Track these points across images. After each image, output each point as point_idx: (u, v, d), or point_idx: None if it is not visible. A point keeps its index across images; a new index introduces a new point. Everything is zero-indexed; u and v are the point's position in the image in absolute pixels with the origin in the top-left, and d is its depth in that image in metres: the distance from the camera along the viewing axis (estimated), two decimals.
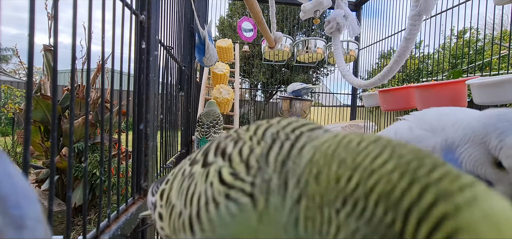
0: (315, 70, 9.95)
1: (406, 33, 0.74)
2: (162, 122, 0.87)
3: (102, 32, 0.37)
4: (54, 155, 0.27)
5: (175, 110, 1.06)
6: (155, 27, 0.57)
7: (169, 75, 0.91)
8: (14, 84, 7.17)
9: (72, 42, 0.30)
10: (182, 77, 1.21)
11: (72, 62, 0.31)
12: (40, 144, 2.72)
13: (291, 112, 2.16)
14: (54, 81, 0.27)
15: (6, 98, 5.40)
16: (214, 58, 1.40)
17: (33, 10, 0.23)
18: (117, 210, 0.44)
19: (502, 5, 1.04)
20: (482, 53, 1.52)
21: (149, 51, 0.54)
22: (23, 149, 0.25)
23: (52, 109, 0.27)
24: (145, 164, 0.55)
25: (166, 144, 0.92)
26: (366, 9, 2.40)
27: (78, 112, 2.77)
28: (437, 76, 1.98)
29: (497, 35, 3.76)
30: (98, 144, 2.74)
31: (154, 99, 0.57)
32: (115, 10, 0.42)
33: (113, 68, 0.44)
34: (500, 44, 1.52)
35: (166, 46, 0.84)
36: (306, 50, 2.18)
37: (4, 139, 4.95)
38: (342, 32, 1.20)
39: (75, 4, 0.29)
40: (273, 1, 1.51)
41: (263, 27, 1.42)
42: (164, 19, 0.79)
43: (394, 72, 0.83)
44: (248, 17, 2.13)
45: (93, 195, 2.72)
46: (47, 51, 2.81)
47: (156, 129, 0.61)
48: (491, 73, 1.36)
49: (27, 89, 0.23)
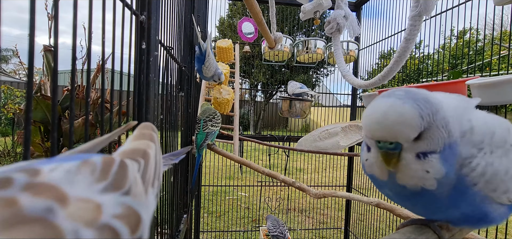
0: (315, 70, 9.96)
1: (406, 34, 0.74)
2: (162, 122, 0.87)
3: (102, 33, 0.37)
4: (54, 156, 0.27)
5: (175, 110, 1.06)
6: (155, 28, 0.57)
7: (169, 76, 0.92)
8: (14, 84, 7.18)
9: (72, 43, 0.30)
10: (182, 78, 1.21)
11: (72, 62, 0.31)
12: (40, 144, 2.72)
13: (291, 112, 2.16)
14: (54, 81, 0.27)
15: (6, 98, 5.41)
16: (213, 68, 1.40)
17: (34, 10, 0.23)
18: None
19: (502, 5, 1.04)
20: (482, 54, 1.52)
21: (149, 52, 0.54)
22: (23, 149, 0.25)
23: (52, 109, 0.27)
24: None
25: (166, 145, 0.92)
26: (366, 10, 2.40)
27: (78, 113, 2.77)
28: (437, 77, 1.98)
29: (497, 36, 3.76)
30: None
31: (154, 99, 0.57)
32: (115, 11, 0.42)
33: (113, 68, 0.44)
34: (500, 44, 1.52)
35: (166, 47, 0.84)
36: (306, 50, 2.18)
37: (4, 139, 4.96)
38: (342, 33, 1.20)
39: (75, 4, 0.29)
40: (273, 2, 1.51)
41: (263, 28, 1.43)
42: (164, 19, 0.79)
43: (394, 73, 0.83)
44: (248, 17, 2.13)
45: None
46: (47, 51, 2.81)
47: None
48: (491, 73, 1.36)
49: (28, 89, 0.23)
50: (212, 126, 1.40)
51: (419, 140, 0.34)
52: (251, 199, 3.51)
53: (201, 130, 1.39)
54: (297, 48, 2.23)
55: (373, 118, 0.34)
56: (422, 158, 0.34)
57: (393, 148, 0.34)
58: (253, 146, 3.72)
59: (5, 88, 5.50)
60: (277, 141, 2.29)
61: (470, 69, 1.64)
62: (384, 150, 0.35)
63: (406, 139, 0.33)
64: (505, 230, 1.30)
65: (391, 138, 0.33)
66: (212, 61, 1.36)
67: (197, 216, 2.15)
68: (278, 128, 9.47)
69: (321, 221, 3.06)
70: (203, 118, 1.42)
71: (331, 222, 3.02)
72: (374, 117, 0.34)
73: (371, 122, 0.34)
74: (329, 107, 3.05)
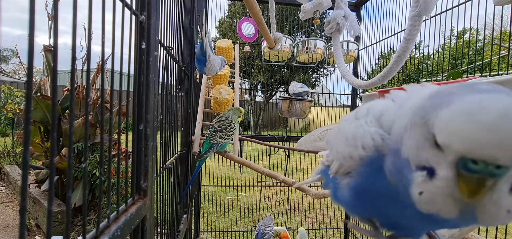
0: (315, 70, 9.96)
1: (406, 34, 0.74)
2: (162, 122, 0.86)
3: (102, 33, 0.37)
4: (53, 156, 0.27)
5: (175, 110, 1.06)
6: (155, 28, 0.57)
7: (169, 76, 0.91)
8: (14, 84, 7.18)
9: (72, 43, 0.30)
10: (182, 78, 1.21)
11: (72, 62, 0.31)
12: (40, 144, 2.72)
13: (291, 112, 2.16)
14: (54, 81, 0.27)
15: (6, 98, 5.41)
16: (215, 69, 1.36)
17: (33, 10, 0.23)
18: (117, 210, 0.44)
19: (502, 5, 1.04)
20: (482, 54, 1.52)
21: (149, 52, 0.54)
22: (22, 149, 0.25)
23: (51, 109, 0.27)
24: (145, 165, 0.55)
25: (166, 145, 0.92)
26: (366, 10, 2.40)
27: (78, 113, 2.77)
28: (437, 77, 1.98)
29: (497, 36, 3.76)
30: (98, 144, 2.74)
31: (154, 99, 0.57)
32: (115, 11, 0.42)
33: (113, 68, 0.44)
34: (500, 44, 1.52)
35: (166, 47, 0.84)
36: (306, 50, 2.18)
37: (4, 139, 4.96)
38: (342, 33, 1.20)
39: (75, 4, 0.29)
40: (273, 2, 1.51)
41: (263, 28, 1.42)
42: (164, 19, 0.79)
43: (394, 73, 0.83)
44: (248, 17, 2.13)
45: (93, 195, 2.72)
46: (47, 51, 2.81)
47: (156, 129, 0.61)
48: (490, 73, 1.36)
49: (27, 89, 0.23)
50: (220, 138, 1.28)
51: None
52: (251, 199, 3.51)
53: (207, 139, 1.29)
54: (297, 48, 2.23)
55: (483, 125, 0.21)
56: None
57: (499, 174, 0.22)
58: (253, 146, 3.72)
59: (5, 88, 5.50)
60: (277, 141, 2.29)
61: (470, 69, 1.64)
62: (480, 174, 0.22)
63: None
64: (505, 230, 1.30)
65: (508, 161, 0.22)
66: (213, 62, 1.34)
67: (197, 216, 2.15)
68: (278, 128, 9.47)
69: (321, 221, 3.06)
70: (214, 127, 1.31)
71: (331, 222, 3.02)
72: (484, 122, 0.21)
73: (478, 130, 0.22)
74: (329, 107, 3.05)
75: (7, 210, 2.89)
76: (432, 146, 0.25)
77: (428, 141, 0.25)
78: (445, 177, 0.24)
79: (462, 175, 0.23)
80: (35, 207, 2.67)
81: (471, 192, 0.23)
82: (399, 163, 0.29)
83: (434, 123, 0.25)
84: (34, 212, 2.69)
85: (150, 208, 0.57)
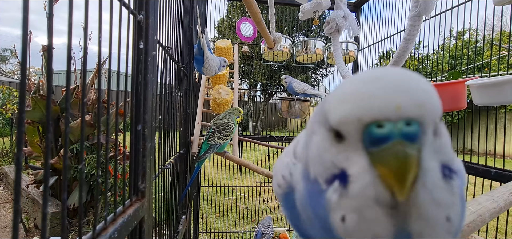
0: (315, 71, 9.96)
1: (406, 34, 0.74)
2: (161, 123, 0.86)
3: (99, 32, 0.36)
4: (48, 158, 0.26)
5: (173, 111, 1.06)
6: (154, 27, 0.56)
7: (167, 76, 0.91)
8: (12, 84, 7.17)
9: (68, 43, 0.30)
10: (181, 78, 1.20)
11: (67, 62, 0.30)
12: (38, 144, 2.71)
13: (290, 113, 2.16)
14: (49, 81, 0.27)
15: (5, 98, 5.39)
16: (214, 69, 1.35)
17: (27, 8, 0.23)
18: (114, 212, 0.44)
19: (502, 6, 1.04)
20: (481, 54, 1.52)
21: (147, 52, 0.54)
22: (16, 150, 0.25)
23: (46, 110, 0.26)
24: (143, 166, 0.55)
25: (165, 145, 0.91)
26: (365, 10, 2.40)
27: (76, 113, 2.76)
28: (436, 77, 1.98)
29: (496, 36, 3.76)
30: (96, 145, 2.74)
31: (152, 100, 0.57)
32: (113, 10, 0.41)
33: (110, 68, 0.43)
34: (499, 45, 1.52)
35: (165, 47, 0.84)
36: (305, 50, 2.18)
37: (2, 140, 4.94)
38: (342, 33, 1.20)
39: (71, 3, 0.29)
40: (272, 2, 1.51)
41: (262, 28, 1.42)
42: (163, 19, 0.79)
43: None
44: (247, 17, 2.13)
45: (92, 196, 2.71)
46: (46, 51, 2.80)
47: (154, 130, 0.60)
48: (490, 74, 1.36)
49: (20, 88, 0.23)
50: (218, 138, 1.26)
51: (437, 137, 0.21)
52: (250, 199, 3.50)
53: (206, 140, 1.28)
54: (297, 48, 2.23)
55: (368, 80, 0.21)
56: (448, 175, 0.21)
57: (413, 133, 0.19)
58: (252, 146, 3.72)
59: (4, 89, 5.49)
60: (276, 141, 2.28)
61: (469, 70, 1.64)
62: (393, 140, 0.18)
63: (435, 114, 0.20)
64: (505, 230, 1.30)
65: (416, 110, 0.19)
66: (211, 62, 1.34)
67: (196, 216, 2.15)
68: (277, 128, 9.47)
69: None
70: (213, 127, 1.30)
71: None
72: (368, 78, 0.21)
73: (364, 85, 0.21)
74: None
75: (6, 211, 2.88)
76: (333, 140, 0.22)
77: (328, 138, 0.23)
78: (360, 169, 0.20)
79: (375, 154, 0.19)
80: (34, 208, 2.66)
81: (396, 175, 0.18)
82: (310, 188, 0.25)
83: (326, 109, 0.23)
84: (33, 213, 2.68)
85: (148, 210, 0.57)
